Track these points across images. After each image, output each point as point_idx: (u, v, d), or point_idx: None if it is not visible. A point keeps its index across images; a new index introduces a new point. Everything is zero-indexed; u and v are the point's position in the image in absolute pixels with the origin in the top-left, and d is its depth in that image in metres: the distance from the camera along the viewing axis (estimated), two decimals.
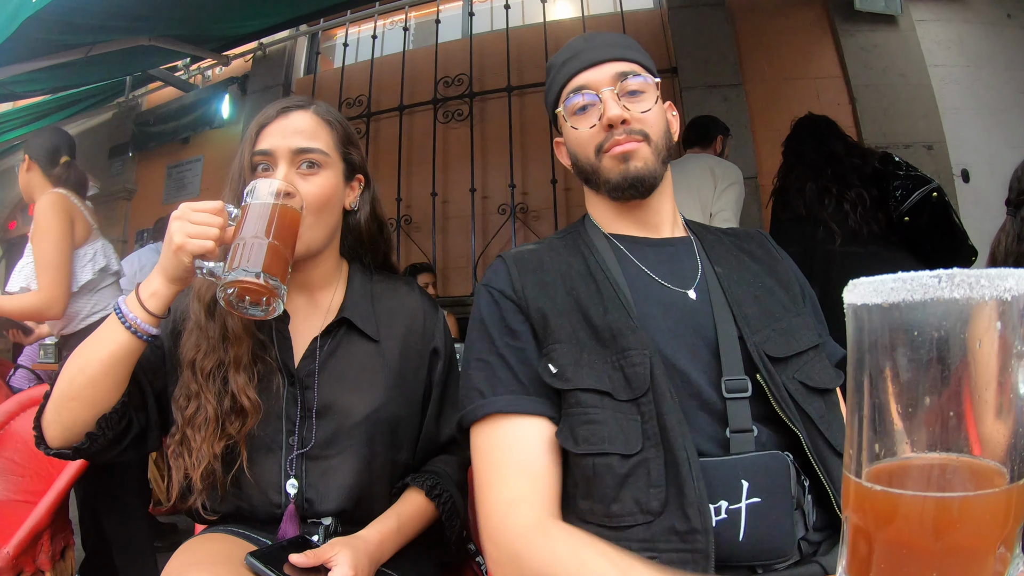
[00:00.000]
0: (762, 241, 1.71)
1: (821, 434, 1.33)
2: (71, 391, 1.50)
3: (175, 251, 1.41)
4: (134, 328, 1.48)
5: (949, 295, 0.54)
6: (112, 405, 1.53)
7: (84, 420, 1.52)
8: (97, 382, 1.49)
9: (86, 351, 1.51)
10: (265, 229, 1.38)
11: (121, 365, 1.51)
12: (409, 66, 8.02)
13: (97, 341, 1.51)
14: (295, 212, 1.47)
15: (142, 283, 1.51)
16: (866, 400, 0.59)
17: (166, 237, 1.44)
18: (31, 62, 5.28)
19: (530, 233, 7.14)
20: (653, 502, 1.24)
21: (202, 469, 1.55)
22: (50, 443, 1.57)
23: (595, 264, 1.51)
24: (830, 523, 1.32)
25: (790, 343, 1.43)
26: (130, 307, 1.49)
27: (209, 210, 1.44)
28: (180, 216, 1.43)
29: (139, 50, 5.92)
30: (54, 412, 1.53)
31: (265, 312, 1.42)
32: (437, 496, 1.68)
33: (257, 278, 1.33)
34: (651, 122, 1.53)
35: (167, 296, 1.50)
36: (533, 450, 1.36)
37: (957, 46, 6.62)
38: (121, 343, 1.48)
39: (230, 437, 1.57)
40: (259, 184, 1.46)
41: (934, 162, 6.30)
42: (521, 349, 1.43)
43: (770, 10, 6.96)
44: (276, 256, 1.38)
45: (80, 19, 4.61)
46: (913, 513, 0.56)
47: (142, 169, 10.12)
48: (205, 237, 1.41)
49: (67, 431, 1.53)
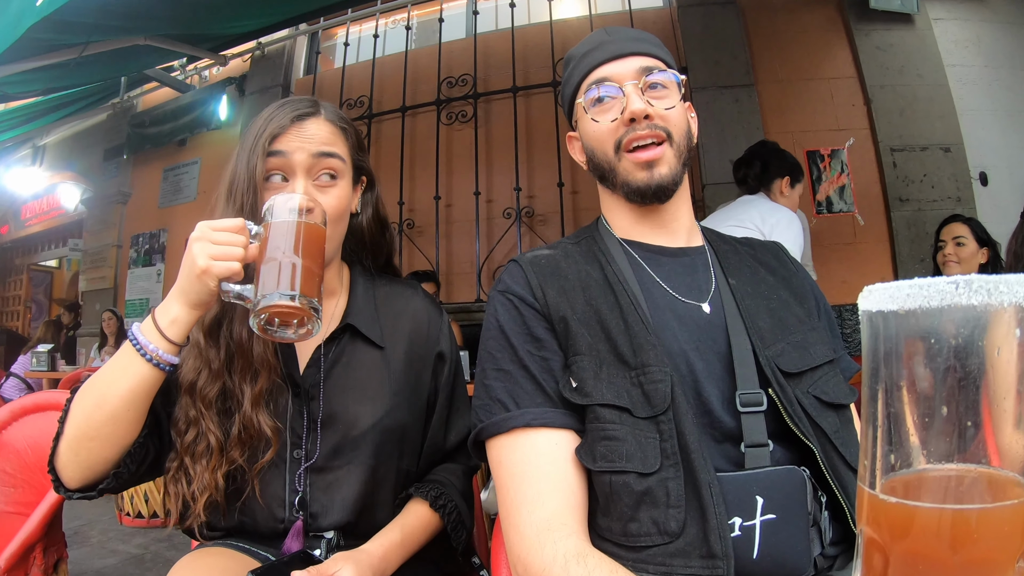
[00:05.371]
0: (777, 252, 1.69)
1: (836, 449, 1.32)
2: (88, 430, 1.42)
3: (199, 275, 1.33)
4: (155, 359, 1.39)
5: (967, 301, 0.53)
6: (135, 439, 1.47)
7: (106, 458, 1.45)
8: (119, 418, 1.41)
9: (100, 387, 1.43)
10: (294, 247, 1.34)
11: (143, 399, 1.43)
12: (412, 66, 8.05)
13: (113, 375, 1.42)
14: (321, 229, 1.43)
15: (158, 309, 1.43)
16: (881, 410, 0.58)
17: (187, 259, 1.36)
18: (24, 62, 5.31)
19: (536, 238, 7.15)
20: (672, 523, 1.22)
21: (205, 500, 1.50)
22: (69, 485, 1.48)
23: (612, 274, 1.49)
24: (845, 537, 1.32)
25: (804, 357, 1.41)
26: (148, 337, 1.40)
27: (231, 228, 1.38)
28: (201, 237, 1.36)
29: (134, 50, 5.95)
30: (71, 453, 1.44)
31: (296, 335, 1.37)
32: (442, 507, 1.65)
33: (293, 301, 1.29)
34: (674, 120, 1.50)
35: (188, 323, 1.42)
36: (564, 465, 1.33)
37: (975, 45, 6.62)
38: (142, 376, 1.40)
39: (234, 463, 1.53)
40: (281, 200, 1.41)
41: (952, 165, 6.30)
42: (545, 359, 1.41)
43: (782, 8, 6.97)
44: (310, 276, 1.34)
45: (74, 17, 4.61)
46: (929, 526, 0.55)
47: (137, 172, 10.18)
48: (231, 258, 1.35)
49: (88, 471, 1.46)
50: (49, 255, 14.30)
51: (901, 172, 6.41)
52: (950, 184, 6.32)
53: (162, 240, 9.70)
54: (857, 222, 6.55)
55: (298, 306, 1.29)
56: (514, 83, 7.55)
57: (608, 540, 1.30)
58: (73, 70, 6.04)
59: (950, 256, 4.35)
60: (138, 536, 5.20)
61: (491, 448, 1.41)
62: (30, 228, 13.08)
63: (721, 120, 6.60)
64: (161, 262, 9.64)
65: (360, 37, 8.73)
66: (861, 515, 0.61)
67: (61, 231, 12.51)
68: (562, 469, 1.32)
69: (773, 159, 4.35)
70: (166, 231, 9.68)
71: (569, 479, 1.32)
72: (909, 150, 6.37)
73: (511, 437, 1.36)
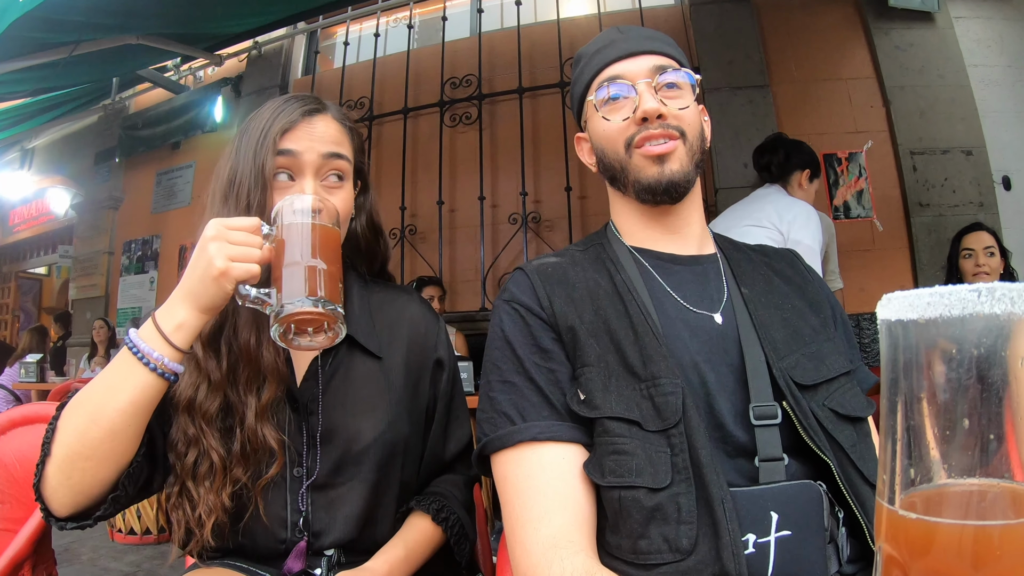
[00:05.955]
0: (792, 260, 1.69)
1: (853, 463, 1.31)
2: (83, 449, 1.32)
3: (216, 277, 1.28)
4: (159, 368, 1.31)
5: (989, 310, 0.53)
6: (133, 457, 1.38)
7: (102, 479, 1.36)
8: (117, 434, 1.32)
9: (96, 400, 1.34)
10: (314, 251, 1.32)
11: (144, 412, 1.35)
12: (414, 66, 8.06)
13: (110, 386, 1.34)
14: (337, 231, 1.41)
15: (159, 313, 1.36)
16: (900, 422, 0.58)
17: (201, 260, 1.30)
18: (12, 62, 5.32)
19: (543, 244, 7.15)
20: (683, 540, 1.21)
21: (212, 524, 1.46)
22: (59, 513, 1.38)
23: (622, 283, 1.48)
24: (863, 555, 1.31)
25: (820, 369, 1.41)
26: (151, 343, 1.33)
27: (248, 228, 1.34)
28: (218, 236, 1.30)
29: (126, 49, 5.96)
30: (61, 476, 1.34)
31: (312, 342, 1.35)
32: (444, 520, 1.65)
33: (318, 306, 1.27)
34: (688, 120, 1.50)
35: (196, 328, 1.35)
36: (571, 481, 1.32)
37: (998, 45, 6.61)
38: (144, 386, 1.32)
39: (238, 481, 1.49)
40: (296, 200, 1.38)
41: (973, 168, 6.29)
42: (552, 370, 1.40)
43: (798, 6, 6.98)
44: (333, 281, 1.32)
45: (64, 15, 4.62)
46: (951, 543, 0.55)
47: (129, 176, 10.20)
48: (250, 260, 1.31)
49: (81, 495, 1.36)
50: (38, 262, 14.34)
51: (921, 176, 6.40)
52: (972, 188, 6.31)
53: (155, 247, 9.69)
54: (876, 228, 6.54)
55: (323, 311, 1.27)
56: (520, 84, 7.56)
57: (617, 558, 1.29)
58: (63, 70, 6.06)
59: (982, 267, 4.35)
60: (130, 553, 5.21)
61: (496, 462, 1.40)
62: (18, 234, 13.12)
63: (734, 122, 6.60)
64: (154, 269, 9.61)
65: (360, 36, 8.76)
66: (880, 532, 0.61)
67: (50, 237, 12.54)
68: (570, 484, 1.32)
69: (794, 150, 4.42)
70: (159, 237, 9.68)
71: (577, 495, 1.31)
72: (929, 153, 6.36)
73: (517, 451, 1.35)
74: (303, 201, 1.37)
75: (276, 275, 1.31)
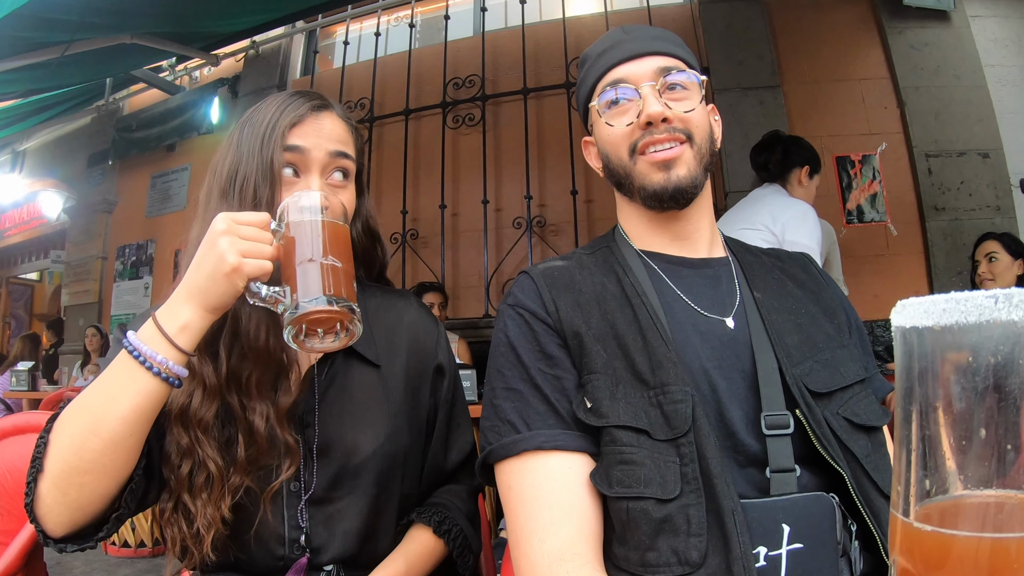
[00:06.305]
0: (806, 265, 1.68)
1: (867, 474, 1.31)
2: (80, 463, 1.26)
3: (228, 273, 1.24)
4: (163, 372, 1.26)
5: (1007, 317, 0.52)
6: (133, 470, 1.33)
7: (102, 494, 1.30)
8: (119, 445, 1.26)
9: (94, 409, 1.28)
10: (327, 248, 1.30)
11: (146, 420, 1.29)
12: (416, 66, 8.07)
13: (109, 394, 1.28)
14: (347, 229, 1.40)
15: (159, 313, 1.31)
16: (915, 432, 0.58)
17: (211, 255, 1.26)
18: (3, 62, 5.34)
19: (548, 249, 7.14)
20: (692, 552, 1.21)
21: (212, 537, 1.42)
22: (55, 533, 1.31)
23: (630, 287, 1.48)
24: (877, 568, 1.30)
25: (834, 376, 1.40)
26: (153, 346, 1.27)
27: (258, 223, 1.30)
28: (228, 230, 1.26)
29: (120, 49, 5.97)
30: (57, 493, 1.28)
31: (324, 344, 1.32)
32: (446, 532, 1.64)
33: (334, 305, 1.24)
34: (695, 122, 1.49)
35: (202, 328, 1.30)
36: (577, 491, 1.32)
37: (1016, 44, 6.60)
38: (147, 392, 1.26)
39: (237, 491, 1.45)
40: (305, 197, 1.36)
41: (990, 171, 6.28)
42: (558, 377, 1.39)
43: (810, 5, 6.97)
44: (348, 279, 1.31)
45: (56, 14, 4.63)
46: (967, 556, 0.55)
47: (123, 179, 10.20)
48: (262, 256, 1.27)
49: (79, 513, 1.30)
50: (29, 267, 14.37)
51: (937, 179, 6.39)
52: (988, 192, 6.31)
53: (150, 251, 9.71)
54: (890, 232, 6.53)
55: (340, 310, 1.25)
56: (525, 84, 7.57)
57: (625, 570, 1.29)
58: (55, 70, 6.07)
59: (984, 274, 4.50)
60: (124, 567, 5.21)
61: (500, 472, 1.39)
62: (9, 239, 13.13)
63: (745, 124, 6.57)
64: (149, 275, 9.63)
65: (361, 35, 8.76)
66: (894, 544, 0.61)
67: (42, 242, 12.57)
68: (576, 495, 1.31)
69: (792, 146, 4.42)
70: (154, 242, 9.70)
71: (583, 505, 1.31)
72: (945, 156, 6.36)
73: (521, 460, 1.35)
74: (311, 198, 1.36)
75: (288, 273, 1.29)
